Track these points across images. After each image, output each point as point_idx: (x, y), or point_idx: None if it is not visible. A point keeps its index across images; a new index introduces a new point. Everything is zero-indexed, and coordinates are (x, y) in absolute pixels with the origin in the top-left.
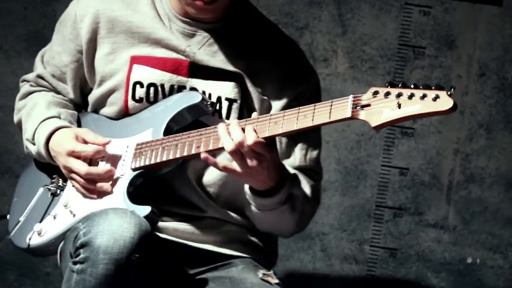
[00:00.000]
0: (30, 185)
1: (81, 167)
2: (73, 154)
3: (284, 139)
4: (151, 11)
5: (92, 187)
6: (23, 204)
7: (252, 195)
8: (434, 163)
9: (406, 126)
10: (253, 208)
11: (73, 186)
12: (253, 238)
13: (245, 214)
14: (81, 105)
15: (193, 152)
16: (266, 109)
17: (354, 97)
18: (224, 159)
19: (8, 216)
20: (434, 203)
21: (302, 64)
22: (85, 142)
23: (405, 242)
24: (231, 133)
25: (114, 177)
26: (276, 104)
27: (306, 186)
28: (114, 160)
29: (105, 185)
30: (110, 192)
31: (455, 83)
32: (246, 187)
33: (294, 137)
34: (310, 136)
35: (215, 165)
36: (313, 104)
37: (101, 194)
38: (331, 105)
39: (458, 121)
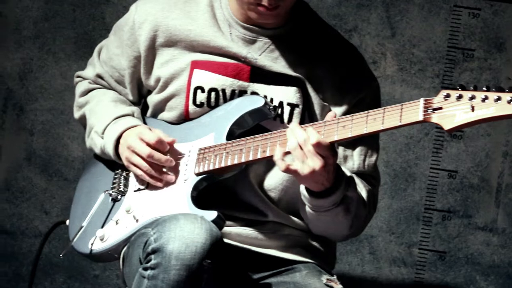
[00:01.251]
0: (89, 191)
1: (145, 148)
2: (139, 136)
3: (342, 144)
4: (210, 18)
5: (154, 173)
6: (83, 209)
7: (308, 196)
8: (483, 165)
9: None
10: (307, 209)
11: (133, 190)
12: (314, 243)
13: None
14: (139, 106)
15: (258, 156)
16: (326, 114)
17: (425, 100)
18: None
19: (67, 222)
20: (483, 206)
21: (363, 70)
22: None
23: (454, 245)
24: (295, 133)
25: (178, 181)
26: (337, 110)
27: (362, 190)
28: (176, 164)
29: (169, 176)
30: (173, 197)
31: (504, 86)
32: (302, 187)
33: (352, 142)
34: (368, 141)
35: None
36: (381, 108)
37: (157, 199)
38: (401, 108)
39: (507, 124)
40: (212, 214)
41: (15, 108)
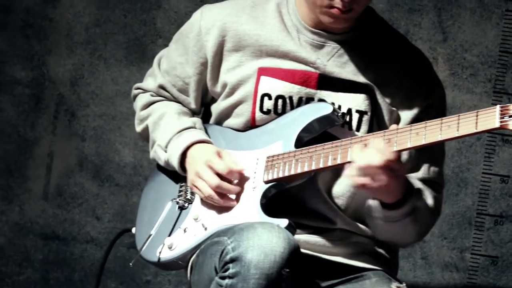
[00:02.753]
0: (155, 199)
1: (213, 179)
2: (208, 164)
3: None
4: (278, 23)
5: (217, 199)
6: (149, 218)
7: (379, 207)
8: None
9: (507, 134)
10: (376, 219)
11: (201, 198)
12: (380, 250)
13: None
14: (199, 115)
15: (329, 164)
16: (394, 120)
17: (501, 107)
18: None
19: (133, 230)
20: None
21: (432, 76)
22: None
23: (507, 250)
24: (359, 152)
25: (246, 189)
26: (406, 116)
27: (428, 197)
28: (244, 172)
29: (232, 202)
30: (242, 205)
31: None
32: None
33: (419, 149)
34: (435, 148)
35: (353, 180)
36: (455, 115)
37: (226, 207)
38: (476, 115)
39: None
40: (283, 222)
41: (66, 114)
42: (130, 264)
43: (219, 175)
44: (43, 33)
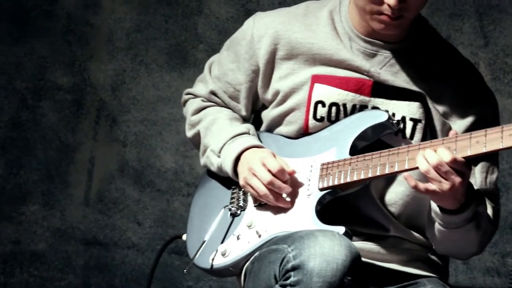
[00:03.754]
0: (205, 206)
1: (266, 174)
2: (262, 161)
3: None
4: (331, 31)
5: (271, 199)
6: (200, 224)
7: (440, 213)
8: None
9: None
10: (438, 226)
11: (253, 205)
12: (433, 257)
13: (425, 232)
14: (250, 122)
15: (386, 172)
16: (447, 130)
17: None
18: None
19: (183, 237)
20: None
21: (484, 87)
22: None
23: None
24: (426, 156)
25: (300, 196)
26: (458, 126)
27: (488, 207)
28: (297, 179)
29: (286, 203)
30: (296, 212)
31: None
32: (433, 205)
33: (474, 159)
34: (490, 158)
35: (416, 187)
36: None
37: (280, 214)
38: None
39: None
40: (340, 229)
41: (108, 120)
42: (185, 271)
43: (271, 173)
44: (85, 39)
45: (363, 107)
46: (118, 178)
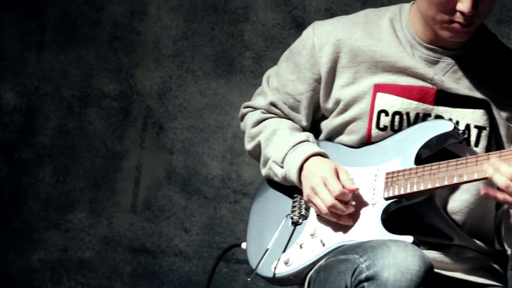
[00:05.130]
0: (265, 214)
1: (328, 198)
2: (325, 181)
3: None
4: (393, 39)
5: (333, 219)
6: (260, 233)
7: None
8: None
9: None
10: None
11: (316, 214)
12: (496, 265)
13: (488, 241)
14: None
15: (455, 181)
16: (511, 137)
17: None
18: None
19: (243, 245)
20: None
21: None
22: (338, 178)
23: None
24: (500, 170)
25: (365, 205)
26: None
27: None
28: (361, 189)
29: (348, 220)
30: (361, 222)
31: None
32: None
33: None
34: None
35: (496, 198)
36: None
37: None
38: None
39: None
40: (408, 239)
41: (154, 127)
42: (249, 279)
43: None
44: (131, 46)
45: (426, 116)
46: (165, 185)
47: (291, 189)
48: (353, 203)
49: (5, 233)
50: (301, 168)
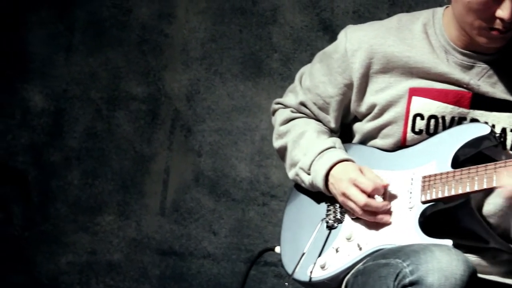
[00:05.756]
0: (300, 218)
1: (360, 197)
2: (354, 183)
3: None
4: (426, 45)
5: (370, 218)
6: (295, 237)
7: None
8: None
9: None
10: None
11: (351, 218)
12: None
13: None
14: (337, 134)
15: (494, 185)
16: None
17: None
18: None
19: (276, 249)
20: None
21: None
22: None
23: None
24: None
25: (401, 209)
26: None
27: None
28: (398, 192)
29: (385, 217)
30: (398, 225)
31: None
32: None
33: None
34: None
35: None
36: None
37: (381, 226)
38: None
39: None
40: (447, 242)
41: (182, 130)
42: (286, 284)
43: (366, 193)
44: (159, 49)
45: (461, 120)
46: (193, 188)
47: (324, 194)
48: (388, 205)
49: (34, 236)
50: (327, 176)
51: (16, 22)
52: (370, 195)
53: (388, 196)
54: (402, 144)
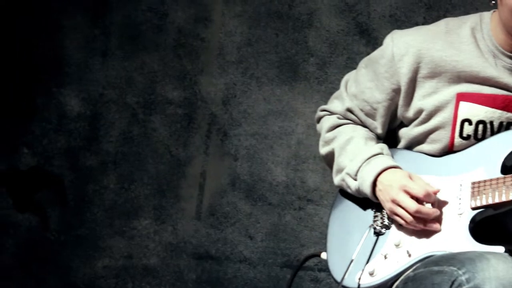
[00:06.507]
0: (347, 224)
1: (411, 204)
2: (404, 189)
3: None
4: (474, 49)
5: (419, 225)
6: (341, 243)
7: None
8: None
9: None
10: None
11: (399, 224)
12: None
13: None
14: (383, 140)
15: None
16: None
17: None
18: None
19: (322, 255)
20: None
21: None
22: None
23: None
24: None
25: (451, 215)
26: None
27: None
28: (446, 198)
29: (435, 224)
30: (449, 232)
31: None
32: None
33: None
34: None
35: None
36: None
37: (430, 233)
38: None
39: None
40: (499, 249)
41: (219, 134)
42: None
43: (416, 199)
44: (195, 53)
45: (510, 125)
46: (229, 192)
47: (371, 200)
48: (438, 212)
49: (70, 240)
50: (374, 182)
51: (52, 27)
52: (420, 202)
53: (437, 202)
54: (449, 149)
